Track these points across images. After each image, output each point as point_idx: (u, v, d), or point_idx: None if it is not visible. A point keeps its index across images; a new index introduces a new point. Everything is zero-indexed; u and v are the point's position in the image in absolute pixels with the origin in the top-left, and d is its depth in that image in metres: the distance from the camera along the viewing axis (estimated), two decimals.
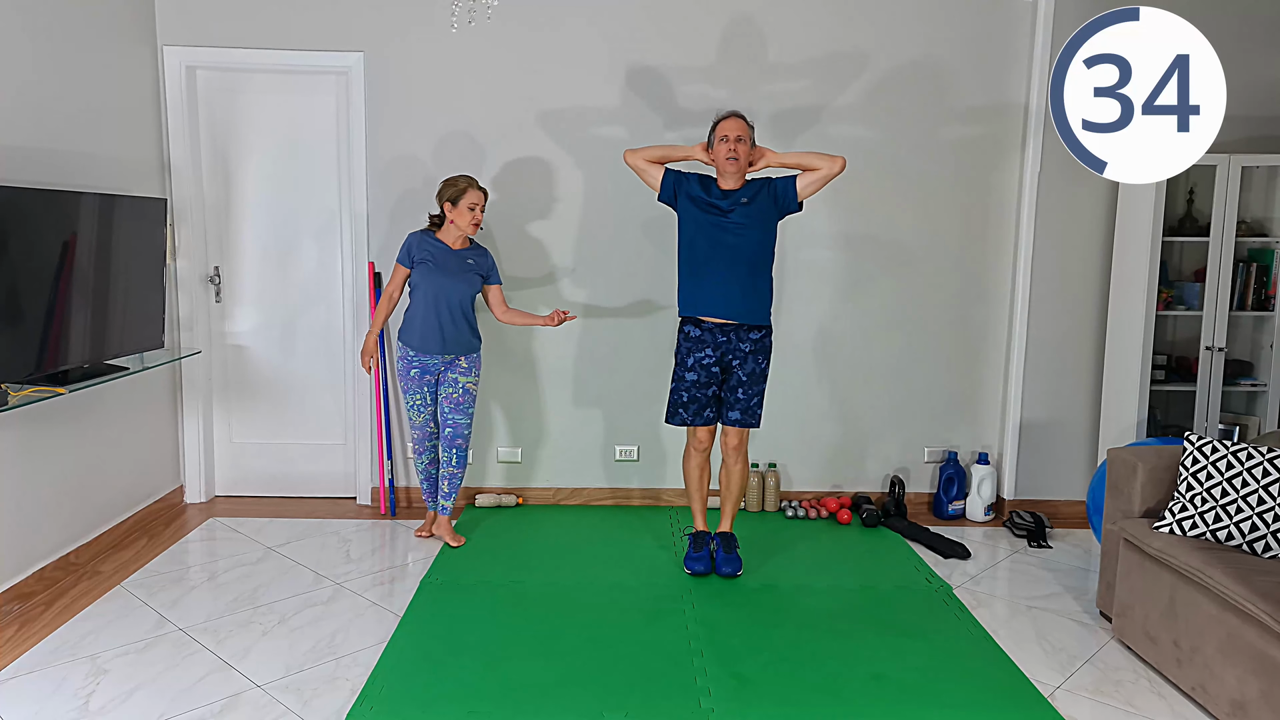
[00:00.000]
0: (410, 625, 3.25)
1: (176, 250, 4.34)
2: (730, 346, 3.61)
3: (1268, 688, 2.51)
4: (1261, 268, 4.17)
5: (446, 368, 3.97)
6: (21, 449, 3.40)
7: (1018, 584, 3.73)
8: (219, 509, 4.46)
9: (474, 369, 4.00)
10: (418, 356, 3.93)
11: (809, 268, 4.45)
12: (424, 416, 4.05)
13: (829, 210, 4.40)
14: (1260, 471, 2.86)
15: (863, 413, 4.57)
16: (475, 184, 3.85)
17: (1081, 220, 4.34)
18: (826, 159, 3.53)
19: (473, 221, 3.83)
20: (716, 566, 3.74)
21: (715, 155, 3.57)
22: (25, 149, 3.38)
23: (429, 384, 3.99)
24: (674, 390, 3.70)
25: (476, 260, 3.93)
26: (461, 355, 3.96)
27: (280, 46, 4.24)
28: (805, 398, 4.54)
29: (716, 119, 3.60)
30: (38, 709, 2.69)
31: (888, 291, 4.48)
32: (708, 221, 3.57)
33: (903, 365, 4.53)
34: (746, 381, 3.63)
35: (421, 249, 3.87)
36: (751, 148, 3.57)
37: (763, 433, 4.54)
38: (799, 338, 4.50)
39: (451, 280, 3.85)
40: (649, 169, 3.69)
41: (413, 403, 4.02)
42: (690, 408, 3.67)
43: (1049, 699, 2.83)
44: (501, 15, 4.12)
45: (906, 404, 4.56)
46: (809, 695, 2.81)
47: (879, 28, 4.30)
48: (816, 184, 3.56)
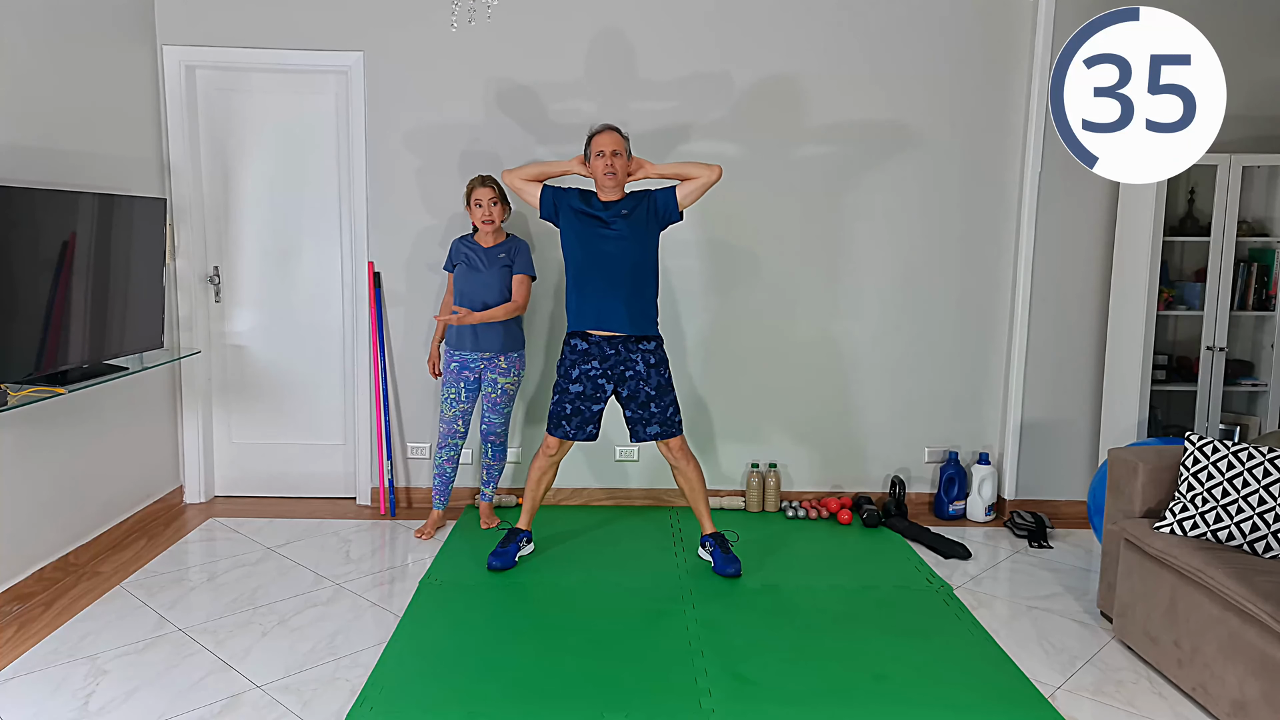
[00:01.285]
0: (410, 625, 3.24)
1: (176, 250, 4.34)
2: (621, 359, 3.63)
3: (1268, 688, 2.51)
4: (1262, 268, 4.17)
5: (487, 367, 4.02)
6: (21, 449, 3.40)
7: (1018, 584, 3.73)
8: (219, 509, 4.46)
9: (513, 369, 4.06)
10: (457, 352, 4.01)
11: (809, 268, 4.45)
12: (454, 411, 4.08)
13: (829, 211, 4.40)
14: (1261, 471, 2.86)
15: (863, 413, 4.57)
16: (483, 180, 3.93)
17: (1082, 220, 4.34)
18: (704, 168, 3.58)
19: (482, 218, 3.90)
20: (717, 567, 3.73)
21: (593, 169, 3.61)
22: (25, 148, 3.38)
23: (467, 380, 4.04)
24: (557, 402, 3.69)
25: (508, 252, 3.99)
26: (500, 355, 4.01)
27: (280, 46, 4.24)
28: (806, 398, 4.54)
29: (591, 133, 3.64)
30: (38, 709, 2.69)
31: (888, 291, 4.48)
32: (589, 234, 3.60)
33: (903, 365, 4.53)
34: (655, 395, 3.66)
35: (458, 252, 4.01)
36: (628, 159, 3.62)
37: (763, 433, 4.55)
38: (800, 338, 4.49)
39: (481, 277, 3.93)
40: (526, 187, 3.71)
41: (446, 395, 4.08)
42: (574, 420, 3.68)
43: (1050, 699, 2.83)
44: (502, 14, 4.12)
45: (907, 404, 4.56)
46: (810, 695, 2.81)
47: (879, 28, 4.30)
48: (696, 193, 3.61)
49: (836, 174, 4.37)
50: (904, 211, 4.42)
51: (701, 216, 4.36)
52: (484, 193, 3.90)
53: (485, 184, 3.92)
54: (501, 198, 3.95)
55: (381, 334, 4.40)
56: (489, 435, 4.15)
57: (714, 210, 4.36)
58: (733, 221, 4.39)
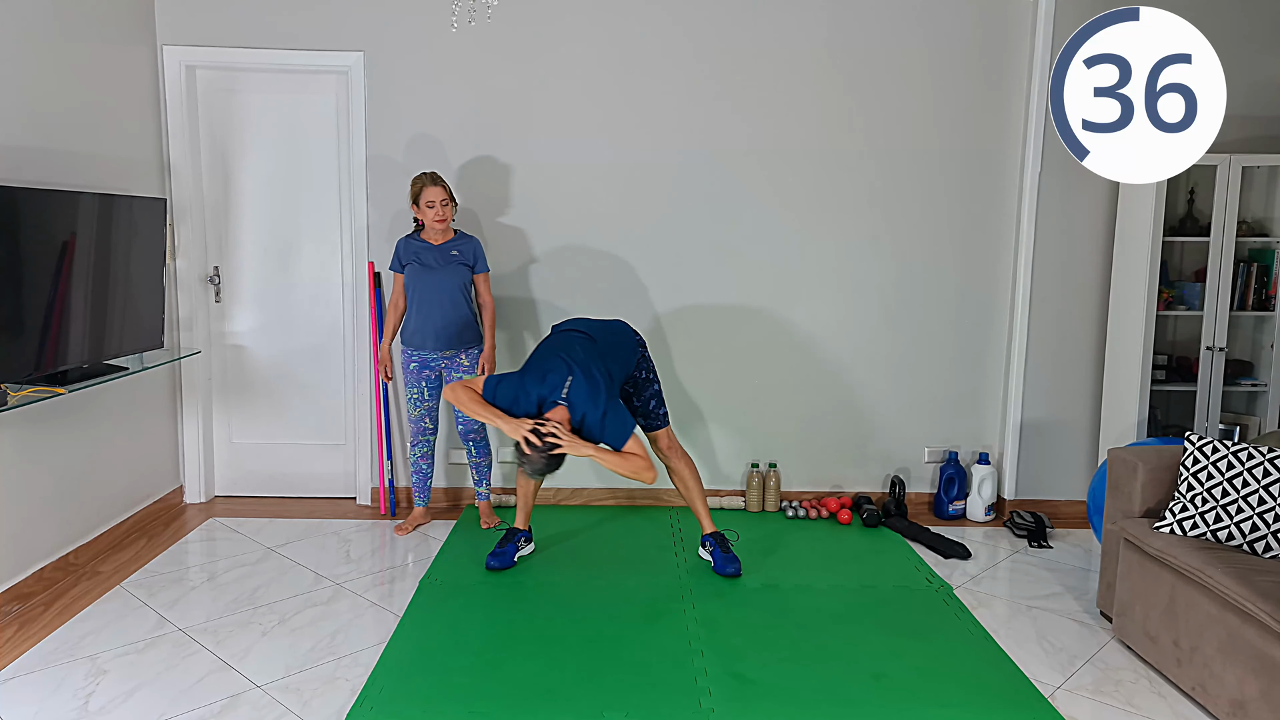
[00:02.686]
0: (410, 625, 3.24)
1: (176, 250, 4.34)
2: None
3: (1267, 687, 2.51)
4: (1262, 268, 4.17)
5: (447, 366, 4.01)
6: (21, 449, 3.40)
7: (1018, 584, 3.73)
8: (219, 509, 4.46)
9: (475, 366, 4.06)
10: (417, 352, 4.01)
11: (809, 267, 4.45)
12: (420, 411, 4.09)
13: (829, 210, 4.40)
14: (1261, 471, 2.86)
15: (863, 412, 4.57)
16: (433, 179, 3.89)
17: (1082, 220, 4.34)
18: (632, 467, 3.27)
19: (435, 218, 3.88)
20: (717, 567, 3.73)
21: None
22: (25, 148, 3.38)
23: (428, 379, 4.05)
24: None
25: (461, 250, 3.97)
26: (462, 352, 3.99)
27: (280, 46, 4.24)
28: (806, 398, 4.54)
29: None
30: (38, 709, 2.69)
31: (888, 291, 4.48)
32: None
33: (903, 365, 4.53)
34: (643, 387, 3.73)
35: (408, 251, 3.98)
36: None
37: (763, 433, 4.55)
38: (799, 337, 4.49)
39: (436, 275, 3.92)
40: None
41: (410, 396, 4.10)
42: None
43: (1049, 699, 2.83)
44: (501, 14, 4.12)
45: (907, 404, 4.56)
46: (810, 695, 2.81)
47: (879, 28, 4.30)
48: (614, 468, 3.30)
49: (836, 173, 4.37)
50: (904, 211, 4.42)
51: (702, 216, 4.36)
52: (436, 192, 3.86)
53: (436, 183, 3.88)
54: (450, 195, 3.94)
55: (381, 334, 4.40)
56: (467, 435, 4.12)
57: (714, 210, 4.36)
58: (732, 221, 4.39)
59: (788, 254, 4.43)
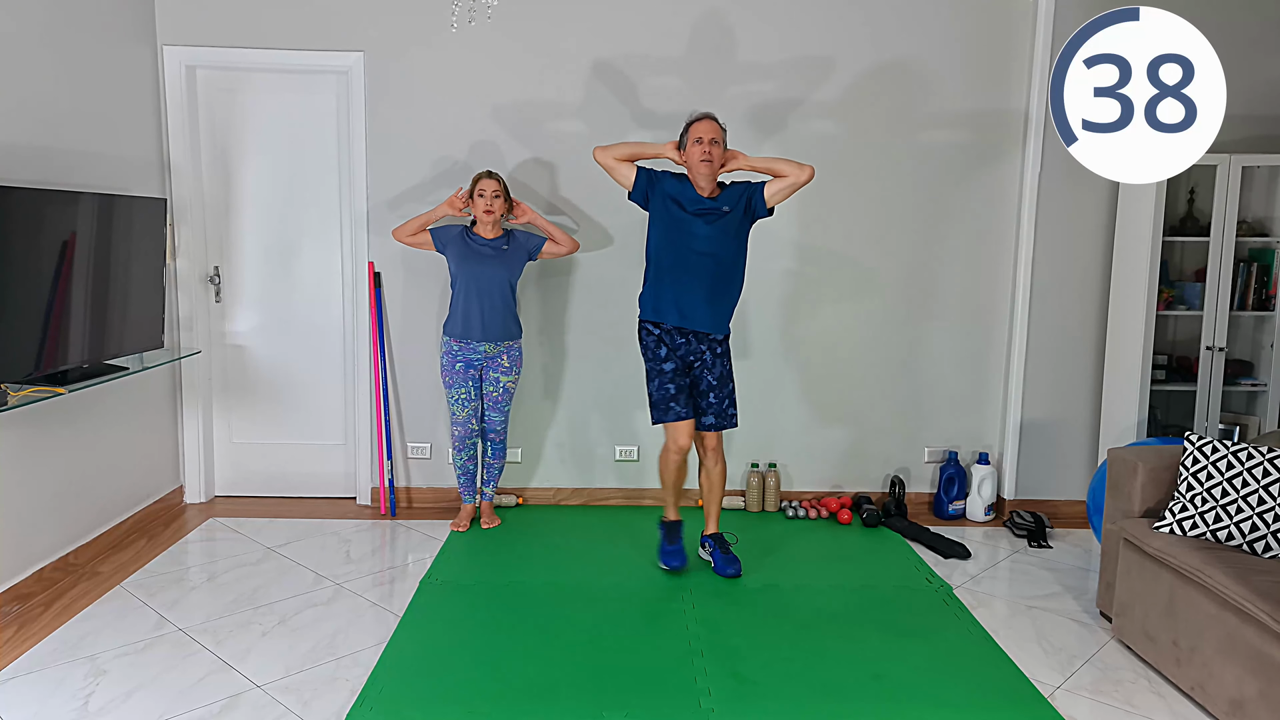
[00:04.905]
0: (410, 625, 3.25)
1: (176, 250, 4.34)
2: (690, 349, 3.63)
3: (1266, 687, 2.51)
4: (1262, 267, 4.17)
5: (489, 365, 4.05)
6: (21, 449, 3.40)
7: (1018, 584, 3.73)
8: (219, 509, 4.46)
9: (515, 367, 4.12)
10: (462, 350, 4.02)
11: (807, 267, 4.45)
12: (468, 412, 4.11)
13: (828, 210, 4.40)
14: (1260, 471, 2.86)
15: (863, 412, 4.57)
16: (489, 174, 4.01)
17: (1082, 220, 4.34)
18: (795, 166, 3.53)
19: (485, 208, 3.96)
20: (717, 568, 3.73)
21: (688, 156, 3.57)
22: (25, 148, 3.38)
23: (474, 378, 4.08)
24: (658, 387, 3.61)
25: (512, 245, 4.05)
26: (504, 352, 4.06)
27: (280, 46, 4.24)
28: (806, 398, 4.54)
29: (690, 120, 3.60)
30: (38, 709, 2.69)
31: (888, 291, 4.48)
32: (681, 231, 3.56)
33: (903, 365, 4.53)
34: (716, 385, 3.66)
35: (456, 239, 4.03)
36: (724, 149, 3.58)
37: (763, 433, 4.55)
38: (800, 337, 4.50)
39: (483, 267, 3.98)
40: (619, 166, 3.65)
41: (457, 397, 4.09)
42: (680, 398, 3.61)
43: (1049, 699, 2.83)
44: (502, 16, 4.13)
45: (907, 404, 4.56)
46: (809, 695, 2.81)
47: (879, 28, 4.30)
48: (785, 191, 3.57)
49: (835, 173, 4.37)
50: (904, 211, 4.42)
51: None
52: (489, 184, 3.97)
53: (491, 176, 3.99)
54: (504, 192, 4.00)
55: (381, 334, 4.41)
56: (490, 433, 4.19)
57: None
58: None
59: (787, 254, 4.43)
